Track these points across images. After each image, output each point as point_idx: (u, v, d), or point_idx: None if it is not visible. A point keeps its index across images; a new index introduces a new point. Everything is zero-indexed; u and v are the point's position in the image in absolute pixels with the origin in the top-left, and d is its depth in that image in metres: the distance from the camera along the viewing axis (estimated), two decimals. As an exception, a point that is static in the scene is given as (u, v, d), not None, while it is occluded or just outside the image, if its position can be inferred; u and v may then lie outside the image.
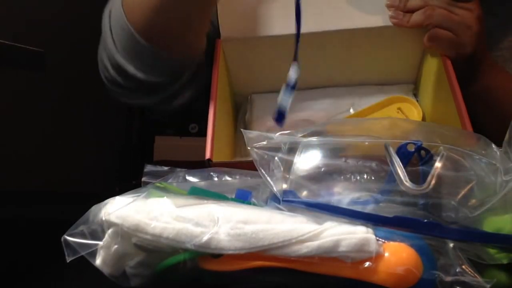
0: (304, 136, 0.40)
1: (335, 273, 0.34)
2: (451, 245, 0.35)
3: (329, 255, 0.33)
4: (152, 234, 0.34)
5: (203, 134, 0.64)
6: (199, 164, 0.50)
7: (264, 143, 0.40)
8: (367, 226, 0.35)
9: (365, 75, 0.77)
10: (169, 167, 0.47)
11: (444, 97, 0.62)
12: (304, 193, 0.38)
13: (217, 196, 0.40)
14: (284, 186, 0.38)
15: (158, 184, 0.42)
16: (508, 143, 0.40)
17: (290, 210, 0.37)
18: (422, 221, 0.35)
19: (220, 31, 0.72)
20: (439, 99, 0.64)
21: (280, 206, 0.37)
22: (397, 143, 0.40)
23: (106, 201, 0.37)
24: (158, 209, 0.35)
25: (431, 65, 0.65)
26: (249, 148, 0.40)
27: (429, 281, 0.33)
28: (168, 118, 1.06)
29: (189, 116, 1.16)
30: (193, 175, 0.46)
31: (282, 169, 0.39)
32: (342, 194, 0.38)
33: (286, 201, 0.37)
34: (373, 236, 0.34)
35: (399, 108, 0.69)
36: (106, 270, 0.35)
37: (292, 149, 0.40)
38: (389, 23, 0.67)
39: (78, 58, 0.93)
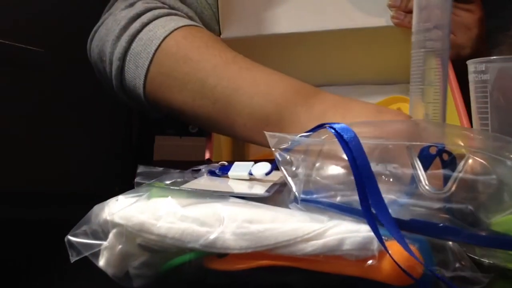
0: (326, 138, 0.40)
1: (339, 271, 0.34)
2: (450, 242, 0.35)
3: (333, 253, 0.33)
4: (157, 234, 0.34)
5: (203, 134, 0.64)
6: (199, 164, 0.50)
7: (287, 144, 0.41)
8: None
9: (365, 75, 0.77)
10: (163, 168, 0.46)
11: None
12: (325, 194, 0.38)
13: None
14: (305, 186, 0.38)
15: (159, 184, 0.42)
16: None
17: (308, 211, 0.37)
18: (437, 225, 0.35)
19: (221, 29, 0.72)
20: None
21: (299, 206, 0.38)
22: (420, 145, 0.39)
23: (108, 201, 0.37)
24: (163, 209, 0.35)
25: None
26: (273, 149, 0.40)
27: (430, 277, 0.33)
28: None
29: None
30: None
31: (304, 170, 0.39)
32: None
33: (305, 200, 0.37)
34: None
35: (398, 108, 0.69)
36: (109, 271, 0.35)
37: (315, 151, 0.40)
38: (390, 23, 0.67)
39: (77, 57, 0.93)
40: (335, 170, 0.39)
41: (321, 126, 0.41)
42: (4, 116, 0.85)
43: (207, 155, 0.61)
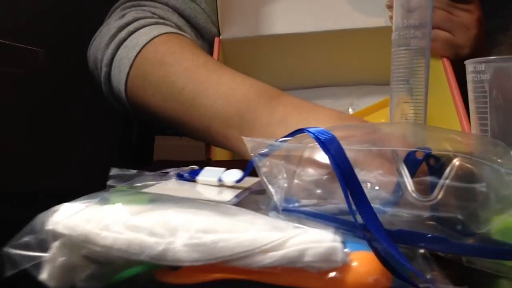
0: (307, 142, 0.38)
1: (300, 285, 0.32)
2: (421, 251, 0.33)
3: (294, 266, 0.31)
4: (102, 245, 0.32)
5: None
6: (199, 164, 0.50)
7: (266, 150, 0.39)
8: (335, 233, 0.33)
9: (365, 75, 0.77)
10: (137, 170, 0.45)
11: (443, 97, 0.62)
12: (306, 201, 0.36)
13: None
14: (286, 194, 0.37)
15: (122, 188, 0.41)
16: None
17: (290, 220, 0.35)
18: (426, 235, 0.33)
19: (220, 30, 0.72)
20: (438, 100, 0.64)
21: (280, 216, 0.36)
22: (406, 150, 0.38)
23: (54, 208, 0.35)
24: (110, 217, 0.33)
25: (430, 66, 0.66)
26: (251, 155, 0.39)
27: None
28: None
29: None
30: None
31: (285, 176, 0.37)
32: (344, 203, 0.35)
33: (286, 210, 0.36)
34: (340, 245, 0.32)
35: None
36: (52, 284, 0.32)
37: (295, 156, 0.38)
38: (389, 24, 0.67)
39: (77, 57, 0.93)
40: (317, 176, 0.37)
41: (299, 131, 0.39)
42: (4, 116, 0.86)
43: (206, 154, 0.61)
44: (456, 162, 0.36)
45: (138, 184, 0.42)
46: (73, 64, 0.95)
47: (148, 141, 1.15)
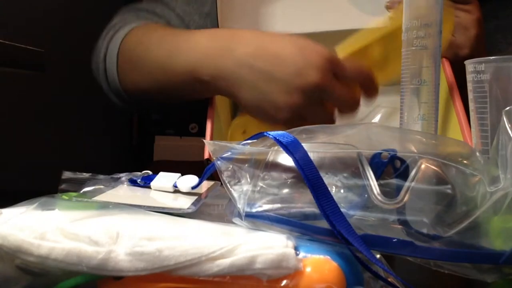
0: (270, 146, 0.37)
1: None
2: (378, 256, 0.32)
3: (243, 273, 0.30)
4: (37, 255, 0.30)
5: (203, 134, 0.64)
6: (199, 164, 0.49)
7: (228, 153, 0.37)
8: (288, 238, 0.32)
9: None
10: (90, 174, 0.43)
11: (442, 97, 0.62)
12: (270, 206, 0.35)
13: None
14: (250, 199, 0.35)
15: (69, 195, 0.39)
16: (496, 149, 0.36)
17: (252, 225, 0.34)
18: (392, 239, 0.32)
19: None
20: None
21: (243, 222, 0.34)
22: (371, 152, 0.37)
23: None
24: (47, 225, 0.31)
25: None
26: (214, 158, 0.37)
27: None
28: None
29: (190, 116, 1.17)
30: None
31: (248, 180, 0.36)
32: (310, 208, 0.34)
33: (249, 215, 0.34)
34: (292, 251, 0.30)
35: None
36: None
37: (259, 160, 0.37)
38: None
39: (78, 57, 0.93)
40: (282, 180, 0.36)
41: (261, 134, 0.38)
42: (4, 117, 0.86)
43: (205, 155, 0.61)
44: (421, 164, 0.35)
45: (88, 189, 0.41)
46: (73, 64, 0.95)
47: (148, 141, 1.15)
